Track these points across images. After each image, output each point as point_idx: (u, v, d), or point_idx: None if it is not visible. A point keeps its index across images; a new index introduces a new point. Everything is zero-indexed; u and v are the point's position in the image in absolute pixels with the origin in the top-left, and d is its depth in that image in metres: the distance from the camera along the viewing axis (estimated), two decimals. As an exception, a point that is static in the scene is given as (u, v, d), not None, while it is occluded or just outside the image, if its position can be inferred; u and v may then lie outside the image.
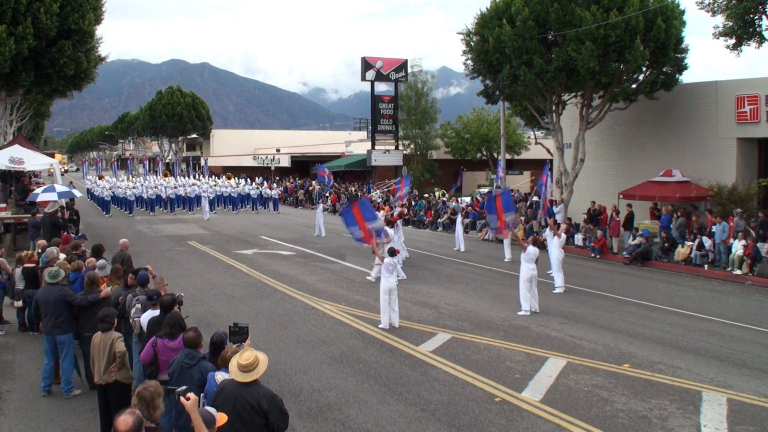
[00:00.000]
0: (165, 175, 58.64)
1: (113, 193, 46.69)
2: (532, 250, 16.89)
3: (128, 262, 14.22)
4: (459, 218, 29.89)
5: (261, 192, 50.00)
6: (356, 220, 18.45)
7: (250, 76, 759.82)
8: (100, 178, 56.02)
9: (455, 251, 27.47)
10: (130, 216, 43.16)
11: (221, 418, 5.72)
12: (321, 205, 34.71)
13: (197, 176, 60.13)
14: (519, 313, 16.36)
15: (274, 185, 54.74)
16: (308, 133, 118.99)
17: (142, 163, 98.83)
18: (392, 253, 15.72)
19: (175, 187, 48.71)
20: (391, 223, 23.15)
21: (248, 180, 52.81)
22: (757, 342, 13.86)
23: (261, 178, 59.19)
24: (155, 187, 48.25)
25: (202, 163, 70.16)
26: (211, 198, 44.48)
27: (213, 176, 59.55)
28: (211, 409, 5.77)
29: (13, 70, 24.96)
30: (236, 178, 53.17)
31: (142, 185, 49.12)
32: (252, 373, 6.36)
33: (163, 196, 47.13)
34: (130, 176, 59.68)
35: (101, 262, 12.39)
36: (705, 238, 23.90)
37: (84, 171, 66.33)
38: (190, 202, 47.40)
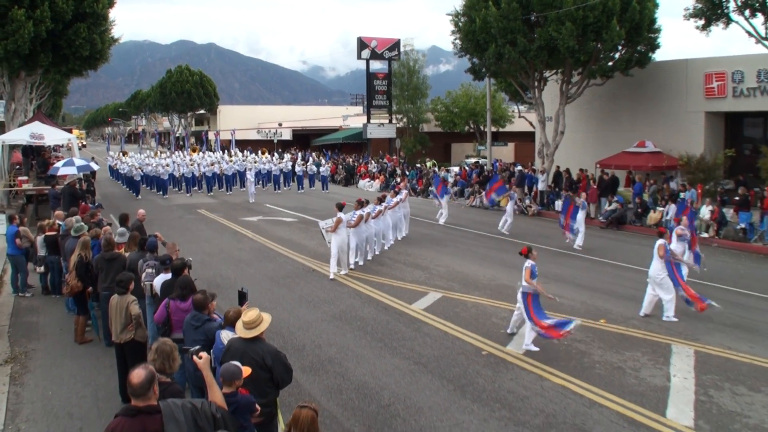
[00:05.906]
0: (194, 150, 53.09)
1: (143, 171, 39.08)
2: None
3: (141, 230, 14.12)
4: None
5: (306, 169, 40.97)
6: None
7: (253, 55, 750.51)
8: (124, 154, 49.27)
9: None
10: (165, 198, 35.23)
11: (245, 371, 5.77)
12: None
13: (231, 152, 50.55)
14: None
15: (323, 160, 45.82)
16: (308, 108, 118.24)
17: (154, 136, 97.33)
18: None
19: (212, 164, 39.53)
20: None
21: (289, 155, 45.72)
22: (721, 298, 13.89)
23: (306, 152, 53.25)
24: (190, 164, 39.42)
25: (230, 136, 60.28)
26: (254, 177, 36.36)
27: (246, 151, 50.48)
28: (236, 363, 5.80)
29: (32, 52, 24.94)
30: (277, 152, 47.39)
31: (173, 162, 40.84)
32: (255, 330, 6.39)
33: (197, 174, 38.37)
34: (158, 152, 53.84)
35: (121, 229, 12.37)
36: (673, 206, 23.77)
37: (107, 145, 62.57)
38: (227, 181, 38.72)
